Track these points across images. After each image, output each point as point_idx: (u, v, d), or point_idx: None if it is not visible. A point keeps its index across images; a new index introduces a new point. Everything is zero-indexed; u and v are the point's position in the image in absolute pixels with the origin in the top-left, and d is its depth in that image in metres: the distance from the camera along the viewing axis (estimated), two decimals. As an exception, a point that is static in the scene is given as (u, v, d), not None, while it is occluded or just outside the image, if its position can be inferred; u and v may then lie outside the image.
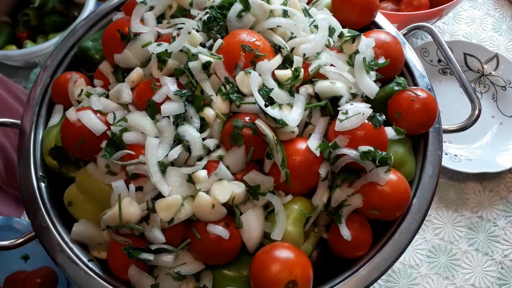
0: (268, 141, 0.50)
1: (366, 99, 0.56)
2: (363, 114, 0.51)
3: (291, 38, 0.58)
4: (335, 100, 0.54)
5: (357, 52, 0.56)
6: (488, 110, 0.95)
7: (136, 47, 0.58)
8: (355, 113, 0.51)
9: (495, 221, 0.85)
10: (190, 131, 0.51)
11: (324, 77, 0.55)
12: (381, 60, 0.58)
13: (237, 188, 0.50)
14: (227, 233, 0.49)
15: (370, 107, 0.53)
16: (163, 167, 0.50)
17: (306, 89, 0.55)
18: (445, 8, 0.91)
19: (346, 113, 0.51)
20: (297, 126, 0.52)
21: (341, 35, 0.58)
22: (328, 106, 0.53)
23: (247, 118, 0.52)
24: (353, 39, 0.56)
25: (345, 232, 0.51)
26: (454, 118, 0.69)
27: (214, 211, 0.49)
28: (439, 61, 0.99)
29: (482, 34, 1.08)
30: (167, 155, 0.51)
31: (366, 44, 0.56)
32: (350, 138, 0.50)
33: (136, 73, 0.57)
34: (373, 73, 0.56)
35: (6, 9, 1.04)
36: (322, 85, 0.54)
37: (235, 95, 0.53)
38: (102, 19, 0.69)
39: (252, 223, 0.51)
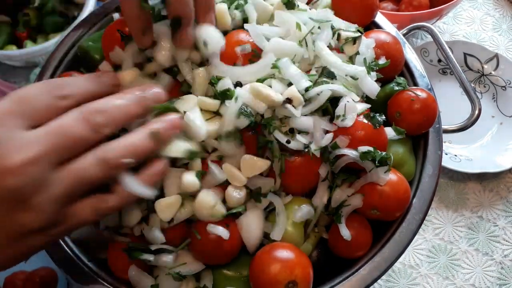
0: (273, 150, 0.50)
1: (366, 99, 0.56)
2: (357, 110, 0.51)
3: None
4: (335, 100, 0.54)
5: (357, 53, 0.55)
6: (488, 110, 0.95)
7: (135, 47, 0.58)
8: (351, 111, 0.51)
9: (495, 221, 0.85)
10: None
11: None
12: (382, 61, 0.58)
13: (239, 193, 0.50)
14: (227, 233, 0.49)
15: (370, 107, 0.53)
16: None
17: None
18: (445, 8, 0.91)
19: (343, 112, 0.51)
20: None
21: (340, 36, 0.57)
22: (328, 106, 0.53)
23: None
24: (354, 40, 0.56)
25: (345, 232, 0.51)
26: (454, 118, 0.69)
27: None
28: (439, 61, 0.99)
29: (482, 34, 1.08)
30: None
31: (366, 44, 0.56)
32: (350, 138, 0.50)
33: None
34: (373, 74, 0.56)
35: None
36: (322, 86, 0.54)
37: None
38: (102, 19, 0.69)
39: (252, 223, 0.51)
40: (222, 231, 0.49)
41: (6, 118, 0.36)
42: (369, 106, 0.53)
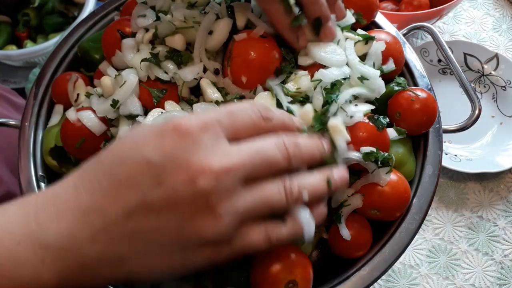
0: None
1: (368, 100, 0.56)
2: (360, 112, 0.51)
3: None
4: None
5: (365, 54, 0.56)
6: (488, 110, 0.95)
7: (131, 42, 0.58)
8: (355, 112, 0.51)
9: (495, 221, 0.85)
10: None
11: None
12: (390, 64, 0.57)
13: None
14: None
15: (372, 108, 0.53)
16: None
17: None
18: (445, 8, 0.91)
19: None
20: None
21: (354, 33, 0.58)
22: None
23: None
24: (366, 40, 0.56)
25: (345, 232, 0.51)
26: (454, 118, 0.69)
27: None
28: (439, 61, 0.99)
29: (482, 34, 1.08)
30: None
31: (376, 48, 0.56)
32: (354, 140, 0.50)
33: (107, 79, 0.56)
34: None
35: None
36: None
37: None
38: (102, 19, 0.69)
39: (252, 223, 0.50)
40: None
41: (214, 125, 0.37)
42: (373, 107, 0.53)
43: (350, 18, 0.59)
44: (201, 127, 0.36)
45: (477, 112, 0.63)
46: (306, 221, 0.40)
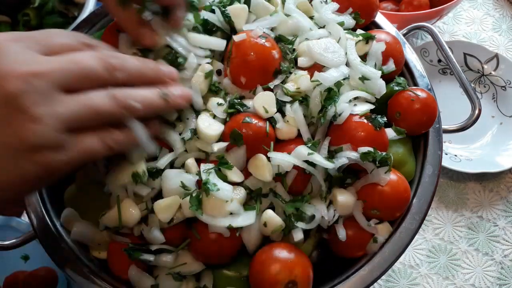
0: None
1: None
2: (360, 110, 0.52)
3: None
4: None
5: (366, 54, 0.56)
6: (488, 110, 0.95)
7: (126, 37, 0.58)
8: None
9: (495, 221, 0.85)
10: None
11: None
12: (390, 65, 0.57)
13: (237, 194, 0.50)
14: (228, 232, 0.49)
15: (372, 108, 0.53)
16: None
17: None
18: (445, 8, 0.91)
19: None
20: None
21: (354, 35, 0.58)
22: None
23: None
24: (367, 39, 0.56)
25: (342, 233, 0.51)
26: (454, 118, 0.69)
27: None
28: (439, 61, 0.99)
29: (482, 34, 1.08)
30: None
31: (376, 48, 0.56)
32: (351, 140, 0.50)
33: None
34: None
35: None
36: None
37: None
38: (102, 19, 0.69)
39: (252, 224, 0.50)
40: (223, 230, 0.48)
41: (26, 39, 0.37)
42: (372, 106, 0.53)
43: (349, 23, 0.59)
44: (11, 38, 0.37)
45: (477, 112, 0.63)
46: (139, 131, 0.42)
